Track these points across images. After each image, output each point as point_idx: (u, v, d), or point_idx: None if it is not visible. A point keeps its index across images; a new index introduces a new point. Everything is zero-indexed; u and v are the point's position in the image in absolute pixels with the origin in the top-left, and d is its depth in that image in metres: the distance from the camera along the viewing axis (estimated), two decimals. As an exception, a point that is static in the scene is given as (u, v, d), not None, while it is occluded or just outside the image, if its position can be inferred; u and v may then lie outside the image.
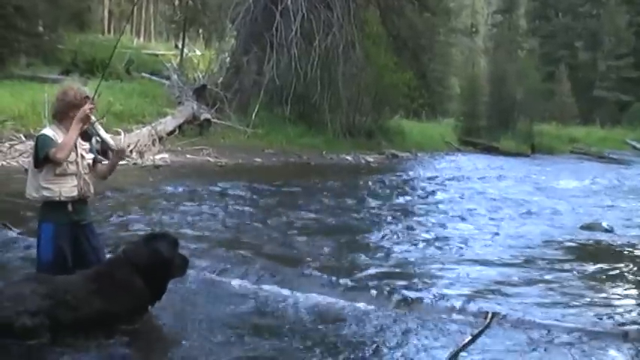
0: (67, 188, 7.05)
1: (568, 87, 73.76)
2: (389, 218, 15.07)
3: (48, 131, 7.13)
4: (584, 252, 12.17)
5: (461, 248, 11.79)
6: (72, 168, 7.08)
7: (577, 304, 8.38)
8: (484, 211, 17.23)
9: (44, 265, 7.09)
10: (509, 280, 9.49)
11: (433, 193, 21.24)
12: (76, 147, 7.12)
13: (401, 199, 19.24)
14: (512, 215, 16.53)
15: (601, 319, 7.66)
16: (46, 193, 7.00)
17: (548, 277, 9.79)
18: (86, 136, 7.47)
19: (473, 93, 59.68)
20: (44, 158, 6.91)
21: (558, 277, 9.76)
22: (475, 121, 56.87)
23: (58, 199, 7.01)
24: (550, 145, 56.21)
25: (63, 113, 7.22)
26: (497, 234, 13.51)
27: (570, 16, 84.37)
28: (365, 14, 41.07)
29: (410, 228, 13.93)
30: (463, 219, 15.59)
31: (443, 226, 14.46)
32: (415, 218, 15.45)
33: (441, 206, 17.87)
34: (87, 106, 7.05)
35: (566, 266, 10.60)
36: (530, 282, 9.45)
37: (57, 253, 7.08)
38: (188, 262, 7.06)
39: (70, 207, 7.09)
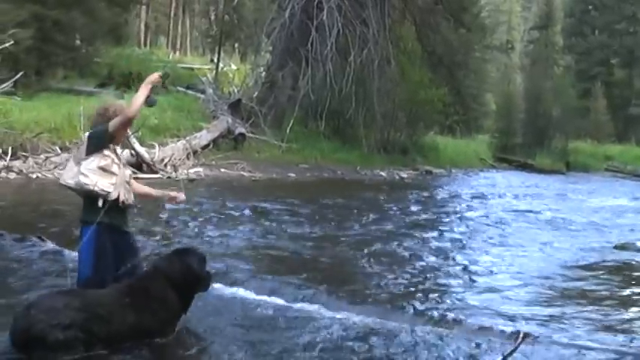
0: (104, 182, 7.03)
1: (604, 104, 73.16)
2: (421, 235, 14.95)
3: None
4: (617, 272, 12.02)
5: (492, 267, 11.69)
6: (114, 168, 7.11)
7: (609, 324, 8.30)
8: (517, 229, 17.09)
9: (85, 268, 7.10)
10: (541, 299, 9.42)
11: (466, 210, 21.09)
12: (116, 153, 7.22)
13: (433, 216, 19.11)
14: (545, 234, 16.36)
15: (632, 340, 7.56)
16: (83, 180, 6.99)
17: (580, 297, 9.71)
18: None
19: (508, 110, 59.50)
20: (106, 134, 7.07)
21: (590, 297, 9.69)
22: (510, 138, 56.68)
23: (92, 187, 6.98)
24: (585, 162, 55.87)
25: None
26: (530, 252, 13.39)
27: (606, 34, 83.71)
28: (400, 30, 41.07)
29: (441, 245, 13.83)
30: (496, 237, 15.44)
31: (475, 243, 14.36)
32: (447, 235, 15.34)
33: (473, 224, 17.73)
34: (157, 73, 7.38)
35: (599, 286, 10.50)
36: (561, 302, 9.38)
37: (98, 254, 7.09)
38: (210, 277, 7.14)
39: (100, 203, 7.03)
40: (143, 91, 7.13)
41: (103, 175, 7.03)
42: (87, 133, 7.32)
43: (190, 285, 6.73)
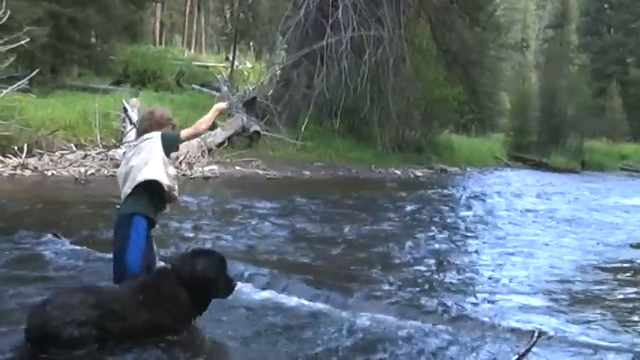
0: (175, 185, 7.55)
1: (619, 103, 72.89)
2: (437, 234, 14.93)
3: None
4: (633, 271, 11.99)
5: (508, 265, 11.65)
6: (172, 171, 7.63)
7: (625, 324, 8.25)
8: (533, 227, 17.05)
9: (133, 259, 7.24)
10: (556, 298, 9.37)
11: (481, 208, 21.07)
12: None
13: (450, 214, 19.08)
14: (560, 232, 16.32)
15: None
16: (166, 182, 7.37)
17: (595, 296, 9.67)
18: None
19: (523, 108, 59.36)
20: (179, 141, 7.63)
21: (606, 296, 9.65)
22: (525, 137, 56.58)
23: (174, 192, 7.49)
24: (600, 161, 55.78)
25: (149, 129, 7.54)
26: (545, 251, 13.33)
27: (622, 32, 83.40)
28: (415, 28, 41.05)
29: (457, 243, 13.82)
30: (511, 235, 15.39)
31: (490, 242, 14.31)
32: (463, 234, 15.32)
33: (488, 222, 17.72)
34: (225, 103, 8.55)
35: (615, 285, 10.46)
36: (577, 301, 9.34)
37: (146, 250, 7.37)
38: (234, 284, 7.03)
39: (148, 198, 7.38)
40: (212, 115, 7.81)
41: (173, 179, 7.53)
42: (150, 134, 7.49)
43: (202, 287, 6.67)
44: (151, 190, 7.27)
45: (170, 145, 7.44)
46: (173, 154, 7.75)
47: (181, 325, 6.57)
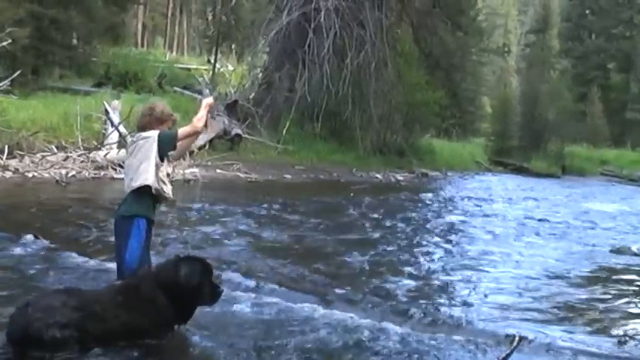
0: (169, 188, 7.65)
1: (600, 108, 73.27)
2: (417, 238, 14.98)
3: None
4: (612, 276, 12.03)
5: (488, 270, 11.68)
6: (169, 169, 7.80)
7: (604, 329, 8.31)
8: (512, 232, 17.09)
9: (132, 259, 7.33)
10: (536, 303, 9.41)
11: (462, 213, 21.10)
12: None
13: (430, 219, 19.10)
14: (540, 237, 16.36)
15: (625, 343, 7.58)
16: (162, 186, 7.51)
17: (575, 301, 9.71)
18: None
19: (504, 113, 59.70)
20: (176, 140, 7.57)
21: (586, 302, 9.70)
22: (506, 141, 56.92)
23: (167, 194, 7.63)
24: (581, 166, 56.07)
25: (149, 126, 7.62)
26: (525, 256, 13.38)
27: (603, 38, 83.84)
28: (397, 32, 41.15)
29: (438, 248, 13.83)
30: (491, 240, 15.42)
31: (470, 247, 14.32)
32: (443, 238, 15.32)
33: (468, 227, 17.74)
34: (210, 98, 8.27)
35: (595, 290, 10.52)
36: (557, 306, 9.37)
37: (145, 247, 7.44)
38: (220, 292, 6.89)
39: (148, 200, 7.52)
40: (204, 111, 7.70)
41: (167, 180, 7.61)
42: (147, 133, 7.58)
43: (181, 293, 6.58)
44: (147, 191, 7.38)
45: (166, 144, 7.47)
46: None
47: (159, 330, 6.53)
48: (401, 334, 7.39)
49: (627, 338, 7.76)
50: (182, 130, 7.55)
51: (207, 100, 7.99)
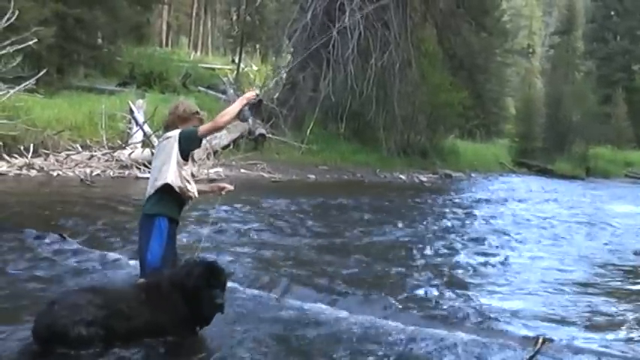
0: (194, 187, 7.62)
1: (624, 110, 72.71)
2: (440, 239, 14.90)
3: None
4: (636, 278, 11.96)
5: (512, 271, 11.63)
6: (194, 169, 7.85)
7: (628, 331, 8.23)
8: (536, 234, 16.99)
9: (154, 259, 7.32)
10: (560, 304, 9.34)
11: (485, 214, 20.99)
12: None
13: (453, 220, 18.99)
14: (564, 239, 16.29)
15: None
16: (187, 186, 7.48)
17: (599, 302, 9.62)
18: None
19: (528, 114, 59.37)
20: (197, 137, 7.46)
21: (609, 304, 9.60)
22: (530, 143, 56.56)
23: (192, 194, 7.59)
24: (605, 168, 55.75)
25: (173, 125, 7.64)
26: (548, 258, 13.31)
27: (628, 39, 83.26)
28: (421, 33, 41.07)
29: (461, 249, 13.76)
30: (515, 242, 15.35)
31: (495, 248, 14.23)
32: (467, 239, 15.22)
33: (492, 228, 17.62)
34: (254, 92, 8.02)
35: (618, 292, 10.43)
36: (580, 307, 9.29)
37: (167, 246, 7.40)
38: (221, 304, 6.66)
39: (168, 198, 7.48)
40: (237, 105, 7.63)
41: (192, 179, 7.61)
42: (170, 132, 7.59)
43: (190, 296, 6.52)
44: (170, 190, 7.38)
45: (187, 143, 7.42)
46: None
47: (180, 328, 6.53)
48: (423, 334, 7.37)
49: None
50: (203, 128, 7.46)
51: (249, 94, 7.93)
